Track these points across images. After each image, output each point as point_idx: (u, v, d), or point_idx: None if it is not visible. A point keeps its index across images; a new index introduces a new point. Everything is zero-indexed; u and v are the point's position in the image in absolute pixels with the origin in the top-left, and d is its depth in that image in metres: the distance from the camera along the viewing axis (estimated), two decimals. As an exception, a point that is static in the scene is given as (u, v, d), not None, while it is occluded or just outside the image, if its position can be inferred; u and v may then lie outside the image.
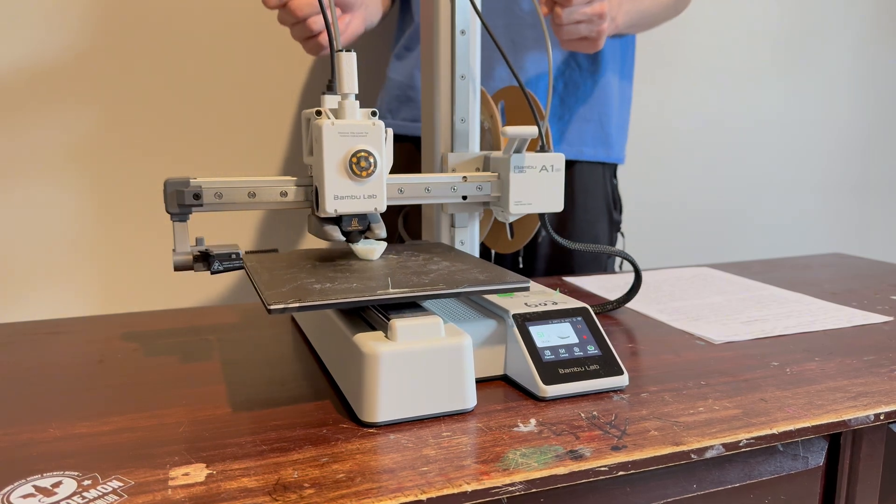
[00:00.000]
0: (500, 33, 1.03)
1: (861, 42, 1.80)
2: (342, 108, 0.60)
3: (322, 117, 0.60)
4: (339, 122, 0.59)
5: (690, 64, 1.64)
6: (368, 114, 0.61)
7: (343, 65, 0.59)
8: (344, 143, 0.59)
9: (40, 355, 0.69)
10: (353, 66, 0.59)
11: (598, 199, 1.12)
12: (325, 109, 0.61)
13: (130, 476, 0.45)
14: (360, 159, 0.59)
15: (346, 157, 0.59)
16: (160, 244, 1.25)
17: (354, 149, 0.59)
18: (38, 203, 1.18)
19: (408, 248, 0.71)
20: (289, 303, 0.50)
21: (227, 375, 0.63)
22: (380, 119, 0.62)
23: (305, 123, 0.65)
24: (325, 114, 0.60)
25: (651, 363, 0.66)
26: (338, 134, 0.59)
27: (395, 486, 0.43)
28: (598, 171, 1.11)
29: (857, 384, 0.60)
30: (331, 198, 0.60)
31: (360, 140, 0.60)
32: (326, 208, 0.60)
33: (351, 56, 0.59)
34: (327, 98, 0.64)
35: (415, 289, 0.54)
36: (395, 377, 0.51)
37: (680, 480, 0.52)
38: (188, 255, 0.63)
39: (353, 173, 0.60)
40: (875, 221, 1.95)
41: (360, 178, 0.60)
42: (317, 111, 0.61)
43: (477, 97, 0.78)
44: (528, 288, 0.57)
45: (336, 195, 0.60)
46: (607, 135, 1.10)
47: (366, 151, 0.59)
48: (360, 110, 0.61)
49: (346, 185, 0.60)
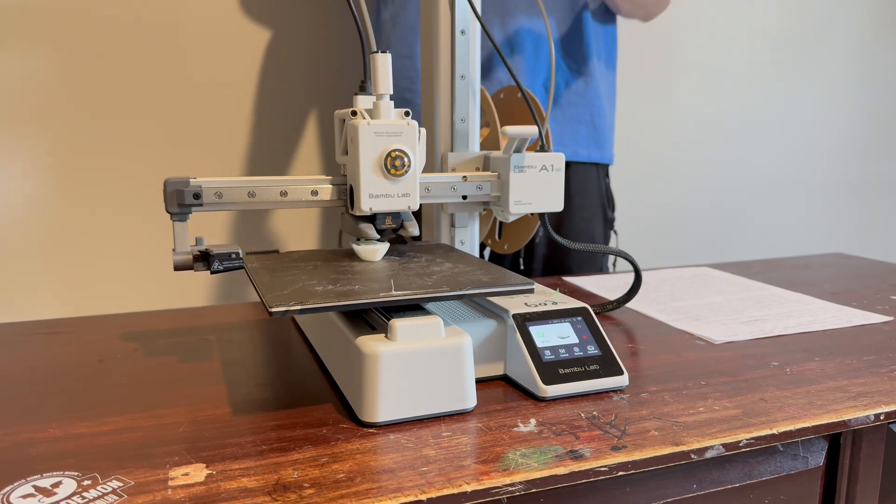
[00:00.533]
0: (495, 31, 1.03)
1: (861, 42, 1.80)
2: (377, 108, 0.61)
3: (357, 117, 0.61)
4: (374, 122, 0.60)
5: (691, 64, 1.64)
6: (402, 114, 0.62)
7: (378, 66, 0.60)
8: (379, 142, 0.60)
9: (40, 355, 0.69)
10: (388, 67, 0.60)
11: (592, 198, 1.13)
12: (360, 109, 0.61)
13: (130, 476, 0.45)
14: (395, 158, 0.60)
15: (382, 156, 0.60)
16: (160, 244, 1.25)
17: (389, 148, 0.60)
18: (38, 203, 1.18)
19: (410, 250, 0.71)
20: (290, 305, 0.50)
21: (227, 375, 0.63)
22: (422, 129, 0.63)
23: (339, 124, 0.66)
24: (361, 114, 0.61)
25: (651, 363, 0.66)
26: (373, 134, 0.60)
27: (395, 486, 0.43)
28: (591, 170, 1.13)
29: (857, 384, 0.60)
30: (366, 196, 0.61)
31: (395, 140, 0.61)
32: (362, 206, 0.61)
33: (386, 57, 0.60)
34: (360, 98, 0.65)
35: (417, 291, 0.54)
36: (395, 377, 0.51)
37: (680, 480, 0.52)
38: (188, 254, 0.63)
39: (387, 172, 0.61)
40: (875, 221, 1.95)
41: (394, 177, 0.61)
42: (352, 111, 0.62)
43: (477, 97, 0.78)
44: (533, 290, 0.57)
45: (371, 193, 0.61)
46: (600, 135, 1.11)
47: (401, 151, 0.60)
48: (394, 110, 0.62)
49: (380, 184, 0.61)
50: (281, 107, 1.29)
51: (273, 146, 1.30)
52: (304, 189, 0.65)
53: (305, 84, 1.30)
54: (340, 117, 0.66)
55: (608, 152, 1.14)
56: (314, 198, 0.65)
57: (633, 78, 1.58)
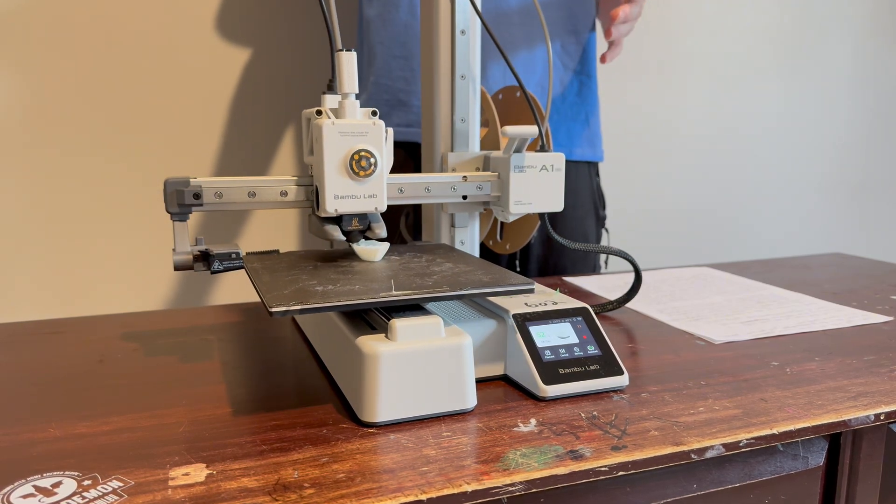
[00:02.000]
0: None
1: (861, 42, 1.80)
2: (342, 107, 0.60)
3: (322, 117, 0.60)
4: (339, 121, 0.59)
5: (691, 64, 1.64)
6: (369, 113, 0.61)
7: (343, 64, 0.59)
8: (344, 142, 0.59)
9: (40, 355, 0.69)
10: (353, 66, 0.60)
11: (584, 197, 1.13)
12: (325, 109, 0.61)
13: (130, 476, 0.45)
14: (361, 159, 0.59)
15: (347, 156, 0.59)
16: (160, 244, 1.25)
17: (355, 148, 0.59)
18: (38, 203, 1.18)
19: (410, 250, 0.71)
20: (290, 305, 0.50)
21: (227, 375, 0.63)
22: (388, 129, 0.63)
23: (306, 123, 0.65)
24: (326, 113, 0.60)
25: (651, 363, 0.66)
26: (338, 133, 0.59)
27: (395, 486, 0.43)
28: (584, 169, 1.14)
29: (857, 384, 0.60)
30: (331, 197, 0.60)
31: (361, 140, 0.60)
32: (327, 208, 0.60)
33: (351, 56, 0.59)
34: (328, 98, 0.64)
35: (418, 291, 0.54)
36: (396, 377, 0.51)
37: (680, 480, 0.52)
38: (188, 254, 0.63)
39: (353, 173, 0.60)
40: (875, 221, 1.95)
41: (360, 178, 0.60)
42: (317, 111, 0.61)
43: (477, 97, 0.78)
44: (533, 290, 0.57)
45: (336, 195, 0.60)
46: (593, 133, 1.12)
47: (366, 151, 0.59)
48: (360, 110, 0.61)
49: (346, 185, 0.60)
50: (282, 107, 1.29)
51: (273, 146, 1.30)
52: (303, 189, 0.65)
53: (306, 84, 1.30)
54: (307, 116, 0.65)
55: (599, 150, 1.16)
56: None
57: (632, 77, 1.58)
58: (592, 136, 1.12)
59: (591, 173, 1.16)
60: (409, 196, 0.70)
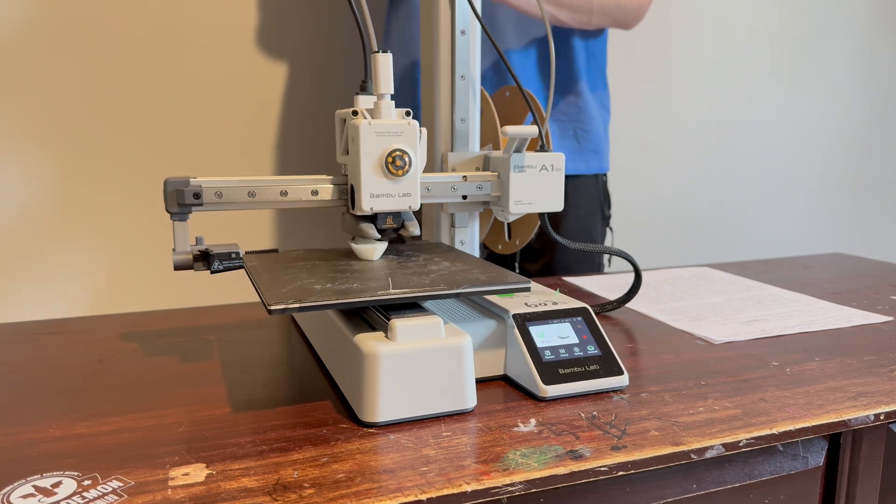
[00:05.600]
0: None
1: (861, 42, 1.80)
2: (378, 108, 0.61)
3: (358, 117, 0.61)
4: (375, 121, 0.60)
5: (690, 64, 1.64)
6: (403, 113, 0.62)
7: (380, 66, 0.60)
8: (380, 142, 0.60)
9: (40, 355, 0.69)
10: (389, 67, 0.60)
11: (590, 196, 1.13)
12: (360, 109, 0.61)
13: (130, 476, 0.45)
14: (396, 158, 0.60)
15: (383, 156, 0.60)
16: (160, 244, 1.25)
17: (390, 148, 0.60)
18: (37, 203, 1.18)
19: (408, 249, 0.71)
20: (289, 303, 0.50)
21: (227, 375, 0.63)
22: (423, 129, 0.63)
23: (340, 123, 0.66)
24: (362, 113, 0.61)
25: (651, 363, 0.66)
26: (374, 133, 0.60)
27: (395, 486, 0.43)
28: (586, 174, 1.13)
29: (857, 384, 0.60)
30: (367, 196, 0.61)
31: (396, 139, 0.61)
32: (363, 206, 0.61)
33: (387, 57, 0.60)
34: (361, 98, 0.65)
35: (415, 289, 0.54)
36: (395, 377, 0.51)
37: (680, 480, 0.52)
38: (188, 254, 0.63)
39: (388, 172, 0.61)
40: (875, 221, 1.95)
41: (395, 177, 0.61)
42: (353, 111, 0.62)
43: (477, 97, 0.78)
44: (529, 288, 0.57)
45: (372, 193, 0.61)
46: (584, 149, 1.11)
47: (401, 150, 0.60)
48: (395, 110, 0.62)
49: (381, 184, 0.61)
50: (282, 107, 1.29)
51: (273, 146, 1.30)
52: (305, 189, 0.65)
53: (307, 84, 1.30)
54: (341, 117, 0.66)
55: (595, 164, 1.14)
56: (314, 198, 0.65)
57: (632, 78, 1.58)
58: (584, 150, 1.12)
59: (597, 176, 1.15)
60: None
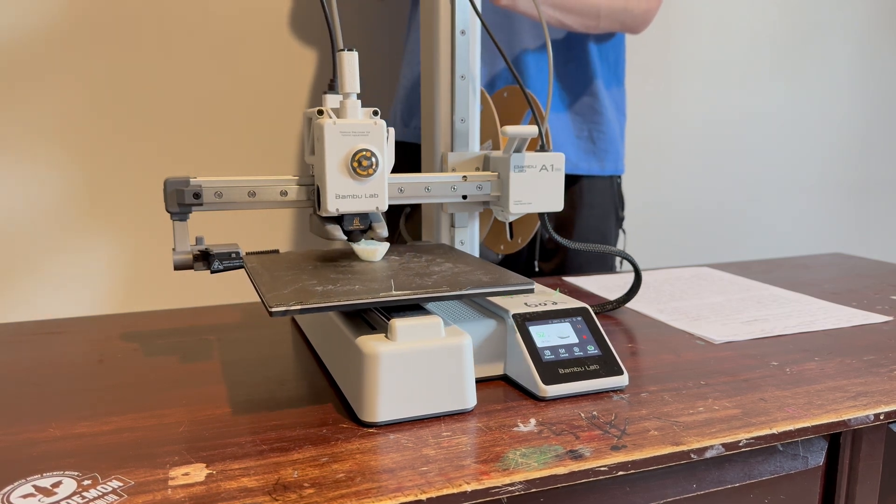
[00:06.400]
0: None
1: (861, 42, 1.80)
2: (344, 107, 0.60)
3: (324, 116, 0.60)
4: (340, 121, 0.59)
5: (690, 64, 1.64)
6: (370, 113, 0.61)
7: (345, 64, 0.59)
8: (345, 142, 0.59)
9: (40, 355, 0.69)
10: (354, 66, 0.60)
11: (604, 197, 1.13)
12: (326, 109, 0.61)
13: (130, 476, 0.45)
14: (362, 159, 0.59)
15: (348, 156, 0.60)
16: (160, 244, 1.25)
17: (356, 148, 0.59)
18: (38, 202, 1.18)
19: (410, 250, 0.71)
20: (290, 305, 0.50)
21: (227, 375, 0.63)
22: (390, 129, 0.63)
23: (307, 123, 0.65)
24: (327, 113, 0.60)
25: (651, 363, 0.66)
26: (339, 133, 0.59)
27: (394, 486, 0.43)
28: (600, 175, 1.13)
29: (857, 384, 0.60)
30: (332, 197, 0.60)
31: (362, 139, 0.60)
32: (328, 207, 0.60)
33: (353, 55, 0.59)
34: (329, 97, 0.65)
35: (417, 291, 0.54)
36: (395, 377, 0.51)
37: (680, 480, 0.52)
38: (188, 254, 0.63)
39: (354, 172, 0.60)
40: (875, 221, 1.95)
41: (361, 178, 0.60)
42: (318, 110, 0.61)
43: (477, 97, 0.78)
44: (533, 290, 0.57)
45: (338, 194, 0.60)
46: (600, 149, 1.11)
47: (367, 151, 0.60)
48: (361, 109, 0.61)
49: (347, 185, 0.60)
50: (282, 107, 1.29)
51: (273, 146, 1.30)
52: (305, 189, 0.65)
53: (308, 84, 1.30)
54: (308, 116, 0.65)
55: (610, 165, 1.14)
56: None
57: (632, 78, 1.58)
58: (600, 151, 1.11)
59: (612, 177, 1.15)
60: (408, 196, 0.70)
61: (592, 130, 1.10)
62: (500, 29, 1.03)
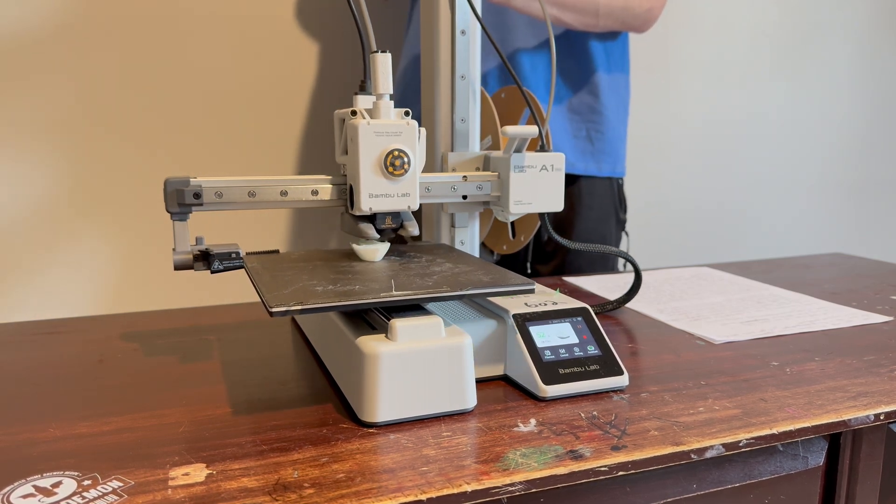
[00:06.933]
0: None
1: (861, 42, 1.80)
2: (377, 107, 0.61)
3: (357, 117, 0.61)
4: (374, 121, 0.60)
5: (690, 64, 1.64)
6: (402, 113, 0.62)
7: (378, 65, 0.60)
8: (379, 142, 0.60)
9: (40, 355, 0.69)
10: (388, 67, 0.60)
11: (604, 199, 1.12)
12: (359, 109, 0.61)
13: (130, 476, 0.45)
14: (395, 158, 0.60)
15: (381, 156, 0.60)
16: (160, 244, 1.25)
17: (389, 148, 0.60)
18: (38, 202, 1.18)
19: (410, 250, 0.71)
20: (291, 305, 0.50)
21: (227, 375, 0.63)
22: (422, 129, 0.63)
23: (339, 123, 0.66)
24: (361, 113, 0.61)
25: (651, 363, 0.66)
26: (373, 133, 0.60)
27: (395, 486, 0.43)
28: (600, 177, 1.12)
29: (857, 384, 0.60)
30: (366, 196, 0.61)
31: (395, 139, 0.61)
32: (362, 206, 0.61)
33: (386, 57, 0.60)
34: (360, 98, 0.65)
35: (418, 291, 0.54)
36: (396, 377, 0.51)
37: (680, 480, 0.52)
38: (188, 254, 0.63)
39: (387, 172, 0.61)
40: (875, 221, 1.95)
41: (394, 177, 0.61)
42: (352, 111, 0.62)
43: (477, 97, 0.78)
44: (533, 290, 0.57)
45: (371, 193, 0.61)
46: (598, 150, 1.10)
47: (401, 151, 0.60)
48: (394, 110, 0.62)
49: (380, 184, 0.61)
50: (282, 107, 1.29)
51: (273, 146, 1.30)
52: (305, 189, 0.65)
53: (308, 84, 1.30)
54: (340, 117, 0.66)
55: (608, 167, 1.13)
56: (314, 197, 0.65)
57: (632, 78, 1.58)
58: (597, 152, 1.11)
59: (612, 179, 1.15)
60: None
61: (591, 130, 1.09)
62: (493, 28, 1.03)
